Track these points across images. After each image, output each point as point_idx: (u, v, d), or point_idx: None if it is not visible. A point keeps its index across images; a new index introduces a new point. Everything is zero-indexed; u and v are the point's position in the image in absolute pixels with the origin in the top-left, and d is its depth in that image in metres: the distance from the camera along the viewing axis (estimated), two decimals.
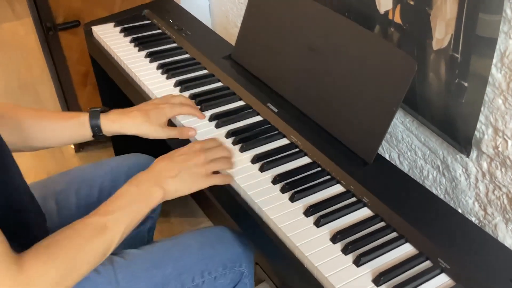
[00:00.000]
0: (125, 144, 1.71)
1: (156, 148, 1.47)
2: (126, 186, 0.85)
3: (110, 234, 0.78)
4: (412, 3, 0.90)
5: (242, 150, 1.00)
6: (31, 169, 2.08)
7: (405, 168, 1.09)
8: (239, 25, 1.69)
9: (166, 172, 0.87)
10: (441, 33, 0.85)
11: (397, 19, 0.95)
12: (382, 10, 0.98)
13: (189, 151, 0.91)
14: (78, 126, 1.00)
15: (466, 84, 0.86)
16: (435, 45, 0.89)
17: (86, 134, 1.01)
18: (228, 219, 1.01)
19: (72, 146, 2.16)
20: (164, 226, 1.76)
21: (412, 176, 0.94)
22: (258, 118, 1.10)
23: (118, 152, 1.75)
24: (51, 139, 1.01)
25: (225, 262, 0.99)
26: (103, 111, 1.01)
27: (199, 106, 1.12)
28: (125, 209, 0.81)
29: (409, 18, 0.92)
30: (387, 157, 1.14)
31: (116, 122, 1.01)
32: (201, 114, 1.09)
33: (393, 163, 1.04)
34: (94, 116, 1.00)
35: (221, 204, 1.00)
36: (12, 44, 3.06)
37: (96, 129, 1.00)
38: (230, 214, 0.99)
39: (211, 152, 0.91)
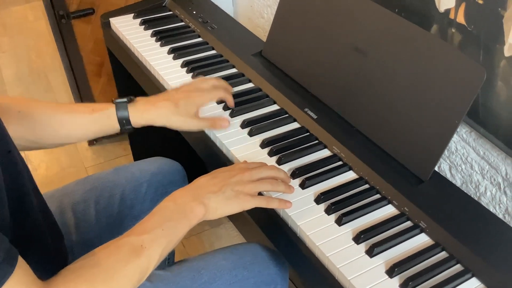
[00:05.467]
0: (143, 142, 1.62)
1: (180, 150, 1.39)
2: (163, 202, 0.77)
3: (147, 255, 0.69)
4: (481, 2, 0.78)
5: (280, 162, 0.91)
6: (43, 163, 2.00)
7: (457, 182, 0.99)
8: (265, 15, 1.58)
9: (207, 187, 0.78)
10: None
11: (460, 19, 0.84)
12: (442, 8, 0.87)
13: (233, 168, 0.82)
14: (104, 120, 0.91)
15: None
16: (508, 51, 0.78)
17: (112, 127, 0.92)
18: (259, 234, 0.92)
19: None
20: None
21: (466, 192, 0.85)
22: (295, 125, 1.00)
23: (136, 152, 1.66)
24: (73, 135, 0.92)
25: (259, 284, 0.91)
26: (129, 101, 0.92)
27: (229, 110, 1.02)
28: (162, 226, 0.72)
29: (476, 19, 0.81)
30: (436, 169, 1.03)
31: (145, 114, 0.92)
32: (232, 101, 1.00)
33: (443, 175, 0.94)
34: (121, 108, 0.91)
35: (255, 221, 0.91)
36: (22, 29, 2.96)
37: (124, 122, 0.91)
38: (266, 233, 0.90)
39: (256, 171, 0.81)
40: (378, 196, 0.84)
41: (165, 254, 0.73)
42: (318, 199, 0.83)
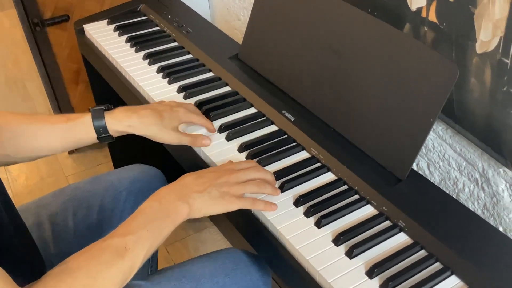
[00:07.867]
0: (123, 150, 1.60)
1: (159, 156, 1.38)
2: (147, 202, 0.75)
3: (131, 257, 0.68)
4: (451, 0, 0.79)
5: None
6: (22, 174, 1.97)
7: (436, 179, 1.00)
8: (241, 18, 1.57)
9: (193, 186, 0.77)
10: (487, 35, 0.75)
11: (432, 18, 0.84)
12: (414, 7, 0.87)
13: (220, 169, 0.81)
14: (79, 128, 0.88)
15: None
16: (479, 48, 0.78)
17: (89, 136, 0.89)
18: (241, 239, 0.91)
19: None
20: None
21: (444, 189, 0.85)
22: (273, 128, 0.99)
23: (116, 160, 1.64)
24: (48, 146, 0.89)
25: None
26: (107, 109, 0.90)
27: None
28: (147, 227, 0.71)
29: (448, 16, 0.81)
30: (415, 167, 1.04)
31: (124, 121, 0.89)
32: (213, 127, 0.98)
33: (421, 173, 0.94)
34: (97, 116, 0.88)
35: (234, 226, 0.91)
36: None
37: (101, 130, 0.88)
38: (246, 238, 0.89)
39: (243, 172, 0.81)
40: (356, 196, 0.84)
41: (150, 255, 0.72)
42: (297, 202, 0.83)
